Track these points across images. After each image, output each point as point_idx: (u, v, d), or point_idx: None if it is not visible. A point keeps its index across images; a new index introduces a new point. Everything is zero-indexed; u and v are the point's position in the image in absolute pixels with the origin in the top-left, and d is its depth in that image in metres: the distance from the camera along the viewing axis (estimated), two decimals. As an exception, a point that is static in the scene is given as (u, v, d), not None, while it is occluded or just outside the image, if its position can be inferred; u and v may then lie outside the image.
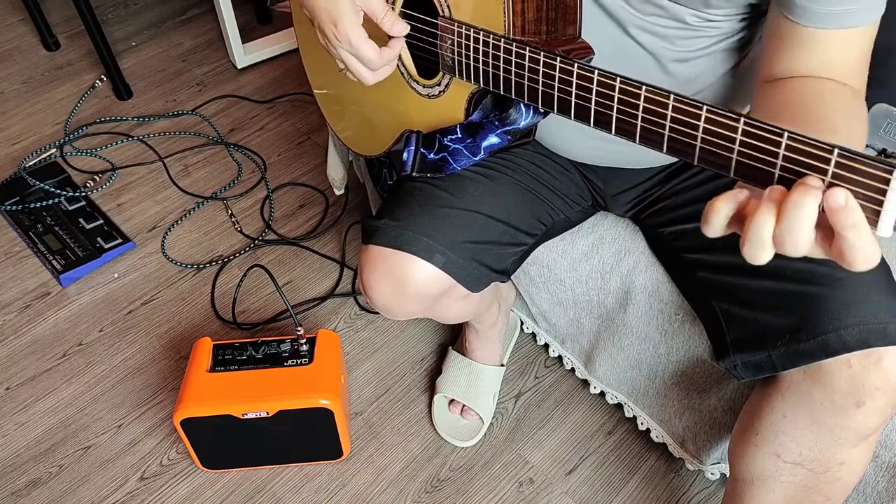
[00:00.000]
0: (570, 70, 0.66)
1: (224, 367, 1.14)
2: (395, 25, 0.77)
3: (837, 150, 0.49)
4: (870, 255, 0.48)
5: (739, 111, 0.55)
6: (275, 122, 1.86)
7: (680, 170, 0.97)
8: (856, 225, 0.47)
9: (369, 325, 1.43)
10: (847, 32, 0.70)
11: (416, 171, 0.86)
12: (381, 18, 0.76)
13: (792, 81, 0.72)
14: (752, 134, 0.54)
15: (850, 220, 0.47)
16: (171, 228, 1.61)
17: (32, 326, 1.44)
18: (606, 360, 1.17)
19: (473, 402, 1.26)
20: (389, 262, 0.88)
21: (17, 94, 1.96)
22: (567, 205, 1.01)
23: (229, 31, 1.93)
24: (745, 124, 0.54)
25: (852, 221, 0.47)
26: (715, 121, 0.56)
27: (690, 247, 0.94)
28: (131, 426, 1.29)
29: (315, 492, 1.21)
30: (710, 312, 0.91)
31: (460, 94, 0.81)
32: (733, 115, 0.54)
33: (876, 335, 0.73)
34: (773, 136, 0.52)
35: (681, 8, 0.76)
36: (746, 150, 0.54)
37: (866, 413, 0.74)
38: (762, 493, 0.88)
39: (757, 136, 0.53)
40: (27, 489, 1.21)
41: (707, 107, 0.56)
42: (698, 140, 0.57)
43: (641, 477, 1.22)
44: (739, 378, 0.87)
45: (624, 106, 0.62)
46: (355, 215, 1.62)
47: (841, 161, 0.49)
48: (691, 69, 0.82)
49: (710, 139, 0.57)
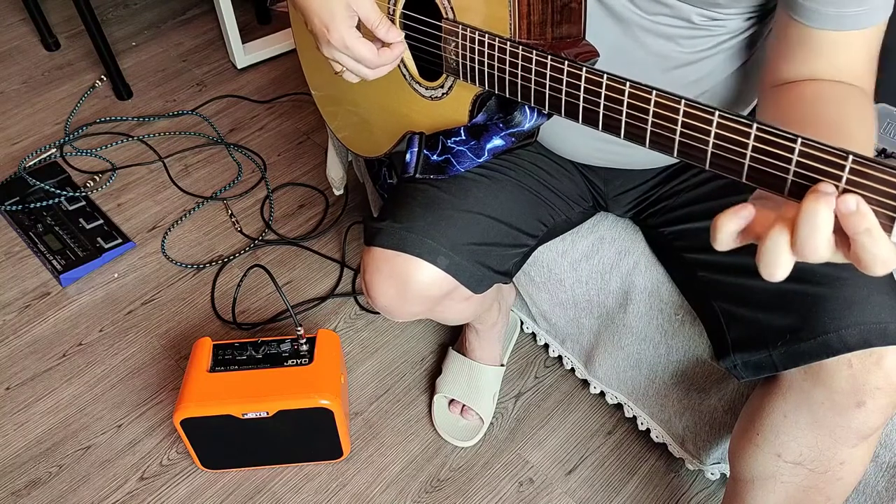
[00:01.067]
0: (578, 74, 0.65)
1: (224, 367, 1.14)
2: (389, 32, 0.77)
3: (852, 156, 0.49)
4: (886, 259, 0.48)
5: (744, 112, 0.55)
6: (275, 122, 1.86)
7: (681, 170, 0.97)
8: (869, 229, 0.47)
9: (369, 325, 1.44)
10: (855, 34, 0.69)
11: (418, 172, 0.86)
12: (376, 26, 0.76)
13: (800, 85, 0.72)
14: (765, 140, 0.53)
15: (862, 226, 0.47)
16: (171, 228, 1.61)
17: (32, 326, 1.44)
18: (606, 360, 1.17)
19: (473, 402, 1.27)
20: (392, 264, 0.88)
21: (17, 94, 1.95)
22: (568, 205, 1.02)
23: (229, 31, 1.93)
24: (757, 130, 0.53)
25: (865, 226, 0.47)
26: (727, 126, 0.55)
27: (691, 246, 0.94)
28: (131, 426, 1.29)
29: (315, 492, 1.21)
30: (710, 312, 0.91)
31: (464, 97, 0.81)
32: (746, 121, 0.54)
33: (876, 335, 0.73)
34: (787, 142, 0.52)
35: (687, 7, 0.76)
36: (759, 155, 0.54)
37: (867, 413, 0.74)
38: (762, 493, 0.88)
39: (770, 141, 0.53)
40: (27, 489, 1.21)
41: (719, 112, 0.56)
42: (710, 146, 0.57)
43: (641, 477, 1.22)
44: (739, 378, 0.87)
45: (633, 111, 0.62)
46: (355, 215, 1.62)
47: (855, 168, 0.49)
48: (696, 70, 0.82)
49: (722, 144, 0.56)
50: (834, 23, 0.69)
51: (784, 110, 0.71)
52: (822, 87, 0.71)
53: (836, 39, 0.70)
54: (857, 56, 0.71)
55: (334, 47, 0.76)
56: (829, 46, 0.70)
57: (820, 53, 0.71)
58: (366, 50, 0.76)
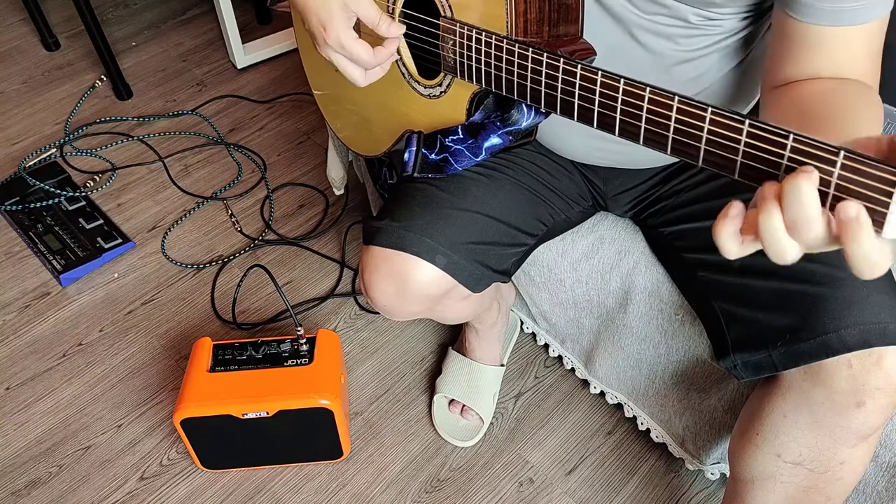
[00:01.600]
0: (573, 71, 0.65)
1: (224, 367, 1.14)
2: (391, 27, 0.77)
3: (843, 151, 0.49)
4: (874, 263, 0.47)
5: (742, 111, 0.55)
6: (275, 122, 1.86)
7: (680, 170, 0.97)
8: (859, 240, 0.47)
9: (369, 325, 1.43)
10: (854, 30, 0.69)
11: (417, 171, 0.86)
12: (377, 23, 0.76)
13: (801, 83, 0.72)
14: (757, 136, 0.53)
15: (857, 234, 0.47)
16: (171, 228, 1.61)
17: (32, 326, 1.44)
18: (606, 360, 1.17)
19: (473, 402, 1.26)
20: (391, 263, 0.88)
21: (17, 94, 1.96)
22: (568, 205, 1.02)
23: (229, 31, 1.93)
24: (749, 126, 0.54)
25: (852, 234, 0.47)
26: (719, 122, 0.55)
27: (691, 246, 0.94)
28: (131, 426, 1.29)
29: (315, 492, 1.21)
30: (710, 312, 0.91)
31: (462, 95, 0.81)
32: (738, 117, 0.54)
33: (876, 335, 0.73)
34: (779, 137, 0.52)
35: (684, 6, 0.76)
36: (751, 150, 0.54)
37: (867, 413, 0.74)
38: (762, 494, 0.88)
39: (762, 137, 0.53)
40: (27, 489, 1.21)
41: (712, 108, 0.56)
42: (703, 142, 0.57)
43: (641, 477, 1.22)
44: (739, 378, 0.87)
45: (628, 107, 0.62)
46: (355, 215, 1.62)
47: (847, 163, 0.49)
48: (694, 68, 0.82)
49: (715, 140, 0.56)
50: (831, 18, 0.68)
51: (787, 108, 0.70)
52: (824, 83, 0.70)
53: (835, 36, 0.69)
54: (858, 52, 0.70)
55: (331, 47, 0.77)
56: (828, 43, 0.70)
57: (819, 51, 0.70)
58: (362, 51, 0.76)
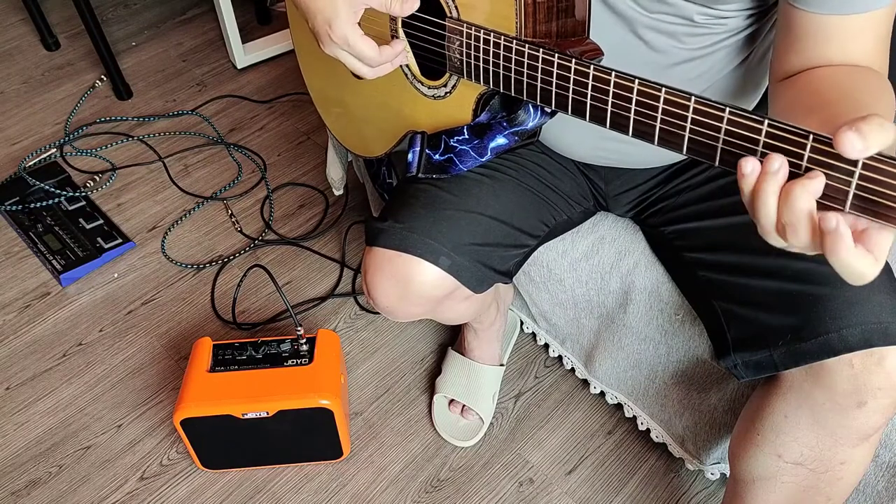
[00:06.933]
0: (585, 72, 0.65)
1: (224, 367, 1.14)
2: (405, 4, 0.73)
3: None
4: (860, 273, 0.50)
5: (748, 107, 0.56)
6: (275, 122, 1.86)
7: (681, 170, 0.97)
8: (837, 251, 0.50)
9: (369, 325, 1.44)
10: (861, 18, 0.68)
11: (421, 172, 0.86)
12: (390, 6, 0.73)
13: (809, 73, 0.71)
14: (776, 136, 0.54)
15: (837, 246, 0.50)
16: (171, 228, 1.61)
17: (32, 326, 1.43)
18: (606, 360, 1.17)
19: (473, 402, 1.27)
20: (394, 264, 0.88)
21: (17, 94, 1.95)
22: (569, 205, 1.02)
23: (229, 31, 1.93)
24: (768, 126, 0.54)
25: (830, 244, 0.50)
26: (737, 122, 0.56)
27: (691, 246, 0.94)
28: (131, 426, 1.29)
29: (315, 492, 1.21)
30: (710, 312, 0.91)
31: (468, 96, 0.81)
32: (757, 117, 0.54)
33: (878, 335, 0.73)
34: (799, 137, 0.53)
35: (689, 5, 0.76)
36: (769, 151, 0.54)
37: (868, 413, 0.75)
38: (763, 494, 0.88)
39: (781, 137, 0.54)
40: (27, 489, 1.21)
41: (729, 108, 0.56)
42: (720, 142, 0.57)
43: (641, 477, 1.22)
44: (740, 378, 0.87)
45: (643, 108, 0.62)
46: (355, 215, 1.62)
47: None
48: (698, 66, 0.82)
49: (732, 140, 0.56)
50: (837, 6, 0.68)
51: (797, 95, 0.70)
52: (833, 69, 0.70)
53: (843, 24, 0.68)
54: (866, 40, 0.69)
55: (336, 44, 0.76)
56: (836, 32, 0.69)
57: (827, 40, 0.69)
58: (368, 48, 0.75)
